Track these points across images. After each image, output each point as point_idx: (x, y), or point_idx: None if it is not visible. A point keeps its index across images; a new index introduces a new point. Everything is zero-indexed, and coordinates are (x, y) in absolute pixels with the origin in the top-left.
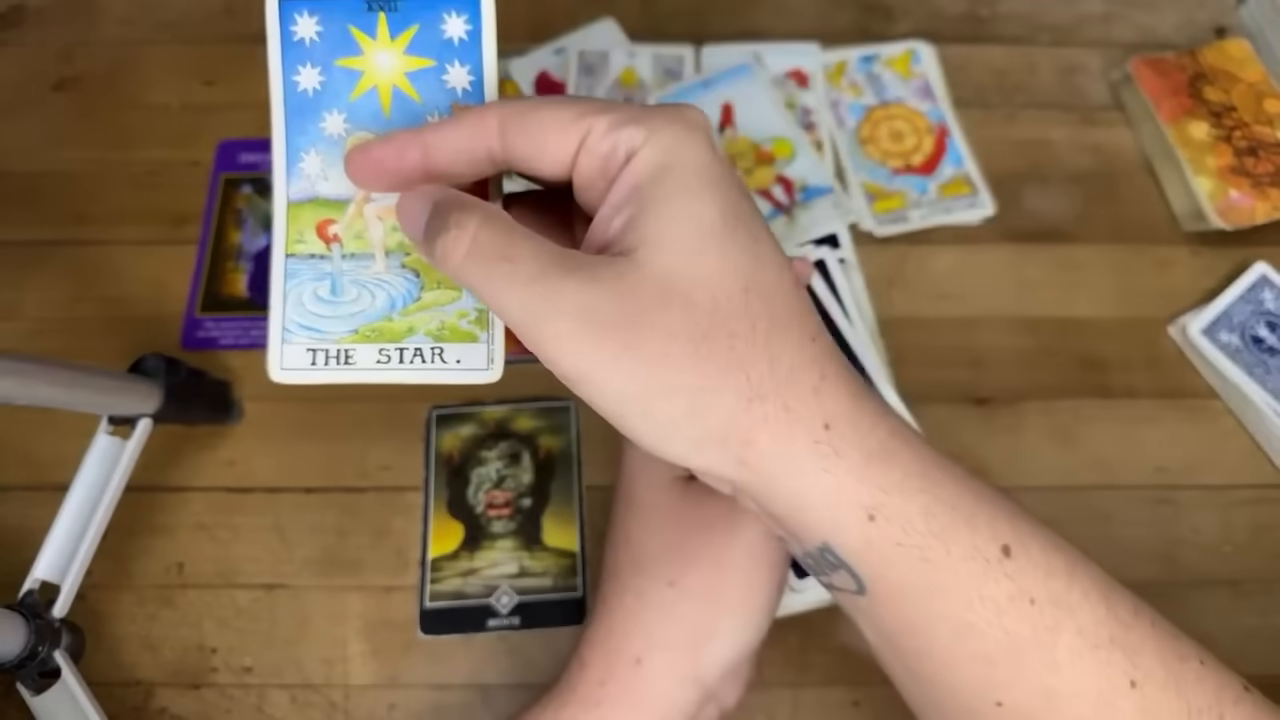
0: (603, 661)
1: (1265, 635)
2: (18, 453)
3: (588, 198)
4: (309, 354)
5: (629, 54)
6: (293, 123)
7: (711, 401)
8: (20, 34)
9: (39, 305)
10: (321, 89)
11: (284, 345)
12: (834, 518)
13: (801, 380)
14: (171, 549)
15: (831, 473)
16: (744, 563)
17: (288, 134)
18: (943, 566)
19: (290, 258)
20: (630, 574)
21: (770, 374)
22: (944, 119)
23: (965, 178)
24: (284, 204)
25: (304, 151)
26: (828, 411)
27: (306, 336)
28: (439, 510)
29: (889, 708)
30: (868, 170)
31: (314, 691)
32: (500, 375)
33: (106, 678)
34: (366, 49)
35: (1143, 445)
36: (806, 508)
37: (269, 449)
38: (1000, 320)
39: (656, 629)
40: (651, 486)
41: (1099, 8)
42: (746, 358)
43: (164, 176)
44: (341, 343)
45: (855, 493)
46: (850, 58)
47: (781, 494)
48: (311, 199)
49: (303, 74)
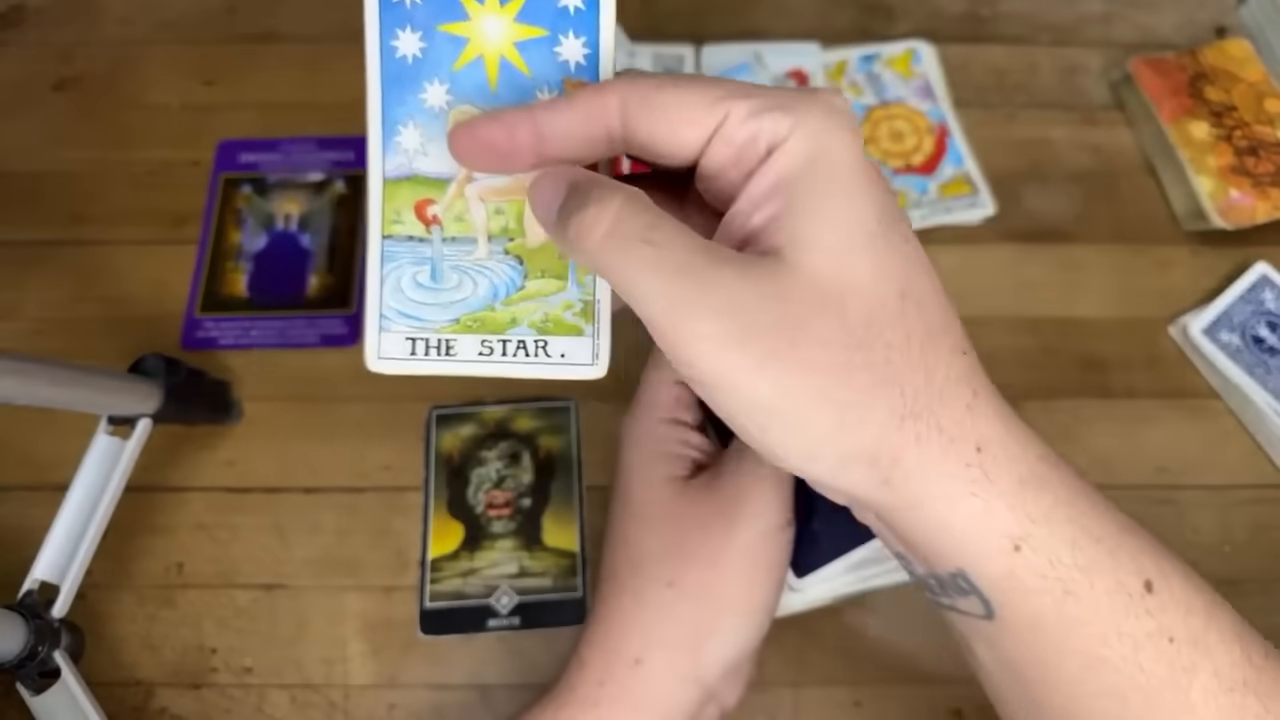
0: (601, 662)
1: (1265, 635)
2: (17, 452)
3: (716, 186)
4: (408, 343)
5: (629, 53)
6: (390, 92)
7: (862, 417)
8: (20, 34)
9: (39, 305)
10: (422, 56)
11: (381, 333)
12: (976, 545)
13: (955, 397)
14: (171, 549)
15: (981, 498)
16: (742, 562)
17: (384, 104)
18: (1085, 600)
19: (387, 239)
20: (628, 574)
21: (925, 389)
22: (944, 119)
23: (965, 177)
24: (379, 181)
25: (401, 124)
26: (980, 433)
27: (406, 325)
28: (439, 510)
29: (890, 707)
30: None
31: (314, 691)
32: (605, 372)
33: (106, 678)
34: (473, 14)
35: (1143, 445)
36: (947, 532)
37: (268, 449)
38: (1001, 320)
39: (655, 629)
40: (648, 485)
41: (1099, 8)
42: (901, 371)
43: (164, 176)
44: (442, 332)
45: (1004, 521)
46: (850, 57)
47: (923, 518)
48: (409, 176)
49: (402, 39)
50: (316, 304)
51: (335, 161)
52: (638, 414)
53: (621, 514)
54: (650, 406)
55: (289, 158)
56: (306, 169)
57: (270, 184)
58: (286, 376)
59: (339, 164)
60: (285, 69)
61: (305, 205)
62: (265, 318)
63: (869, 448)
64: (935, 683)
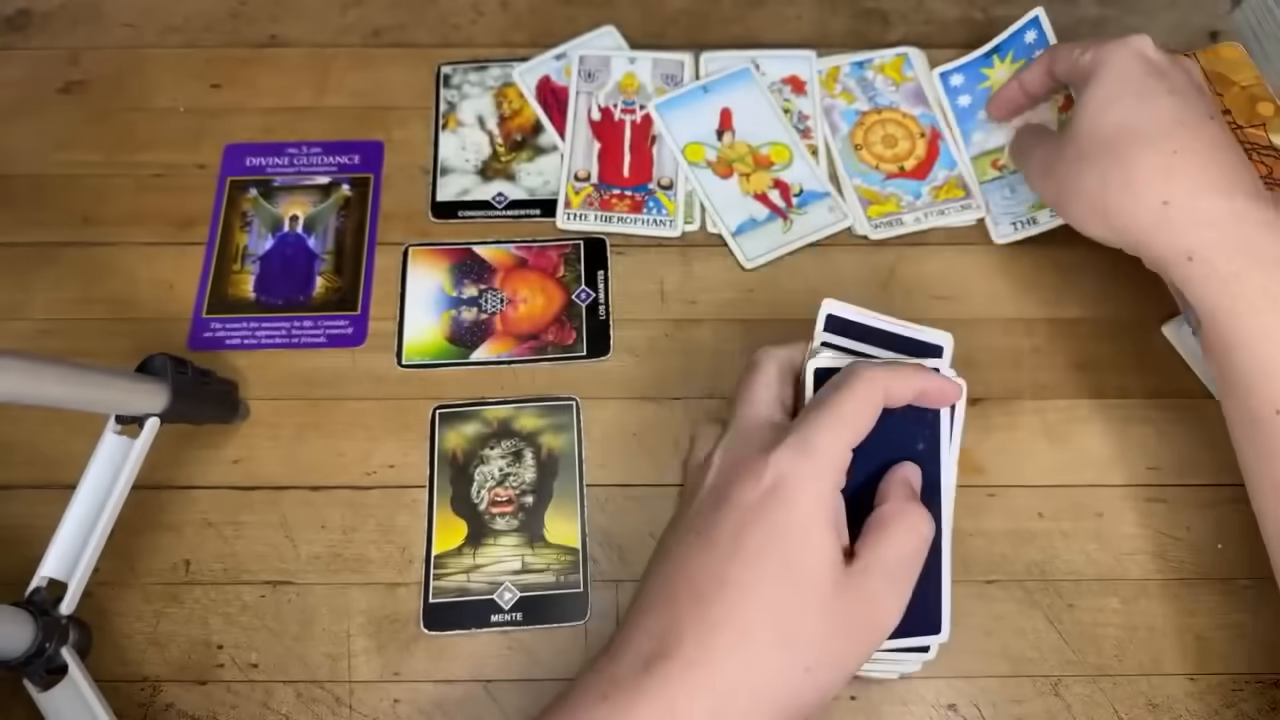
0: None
1: (1256, 633)
2: (25, 451)
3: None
4: None
5: (629, 60)
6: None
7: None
8: (26, 38)
9: (47, 306)
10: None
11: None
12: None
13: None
14: (178, 546)
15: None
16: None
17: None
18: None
19: None
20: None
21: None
22: (935, 123)
23: (958, 181)
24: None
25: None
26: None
27: None
28: (442, 507)
29: (885, 703)
30: (861, 175)
31: (319, 687)
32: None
33: (113, 674)
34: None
35: (1136, 445)
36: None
37: (274, 447)
38: (994, 321)
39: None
40: (821, 559)
41: (1093, 11)
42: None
43: (171, 179)
44: None
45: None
46: (843, 63)
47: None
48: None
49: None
50: (322, 305)
51: (341, 165)
52: (821, 468)
53: (777, 569)
54: (833, 468)
55: (295, 161)
56: (312, 172)
57: (276, 187)
58: (293, 376)
59: (344, 167)
60: (291, 73)
61: (311, 208)
62: (272, 318)
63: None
64: (932, 678)
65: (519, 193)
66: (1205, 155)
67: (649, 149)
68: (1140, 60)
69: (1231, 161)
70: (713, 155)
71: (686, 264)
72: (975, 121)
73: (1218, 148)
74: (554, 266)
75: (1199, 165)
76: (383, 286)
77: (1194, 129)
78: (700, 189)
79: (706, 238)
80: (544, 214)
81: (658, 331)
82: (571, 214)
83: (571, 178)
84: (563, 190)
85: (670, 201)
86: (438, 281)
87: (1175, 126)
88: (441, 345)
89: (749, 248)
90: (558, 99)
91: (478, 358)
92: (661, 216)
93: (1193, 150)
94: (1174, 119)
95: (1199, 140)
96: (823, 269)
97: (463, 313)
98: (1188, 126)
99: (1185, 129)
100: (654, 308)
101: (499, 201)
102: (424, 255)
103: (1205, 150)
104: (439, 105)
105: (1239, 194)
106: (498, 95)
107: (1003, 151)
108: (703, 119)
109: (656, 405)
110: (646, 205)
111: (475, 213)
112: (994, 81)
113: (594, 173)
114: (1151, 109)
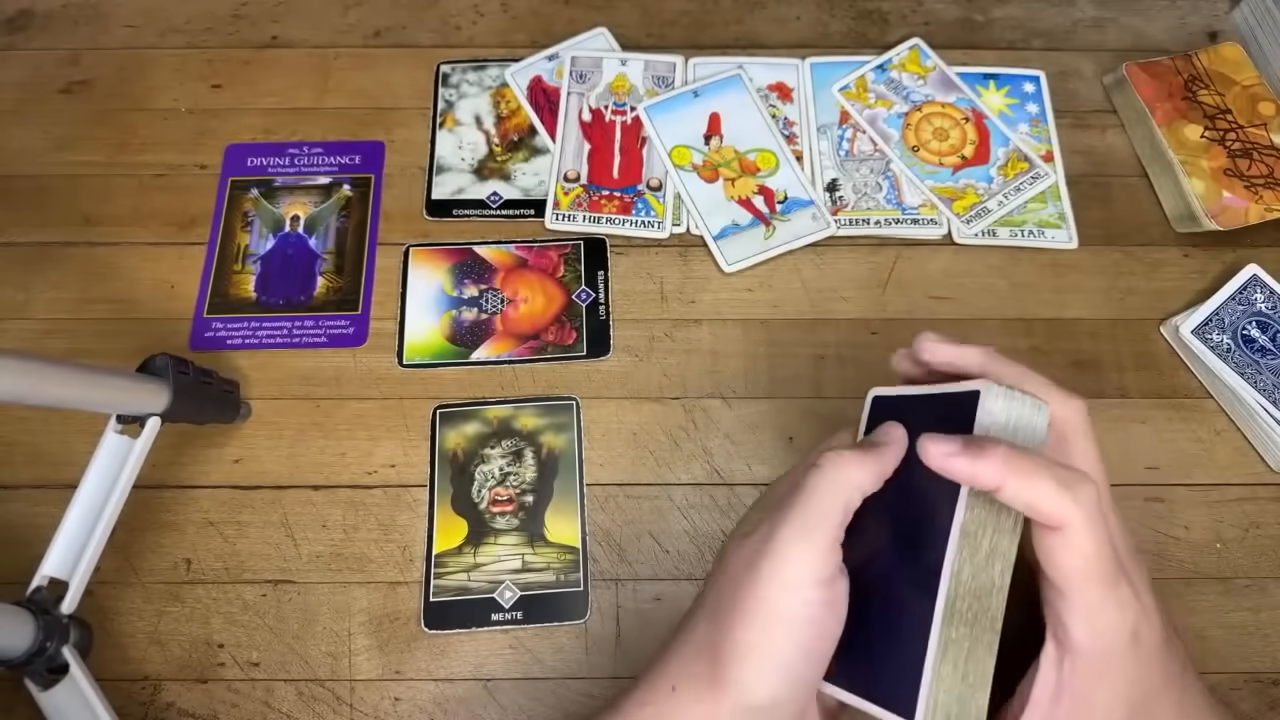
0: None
1: (1255, 631)
2: (26, 451)
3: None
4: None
5: (621, 61)
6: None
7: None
8: (28, 38)
9: (48, 306)
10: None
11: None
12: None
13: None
14: (179, 546)
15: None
16: (763, 611)
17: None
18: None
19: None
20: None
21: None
22: (973, 104)
23: (1018, 154)
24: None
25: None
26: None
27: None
28: (443, 507)
29: None
30: (932, 175)
31: (320, 685)
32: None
33: (115, 673)
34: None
35: (1135, 444)
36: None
37: (276, 447)
38: (994, 321)
39: (686, 661)
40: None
41: (1091, 12)
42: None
43: (172, 180)
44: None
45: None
46: (867, 72)
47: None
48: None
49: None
50: (323, 305)
51: (341, 165)
52: (824, 524)
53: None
54: (810, 584)
55: (296, 161)
56: (313, 172)
57: (277, 187)
58: (294, 376)
59: (345, 168)
60: (292, 73)
61: (312, 208)
62: (273, 318)
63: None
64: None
65: (514, 192)
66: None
67: (639, 150)
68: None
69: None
70: (699, 159)
71: (686, 264)
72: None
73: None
74: (554, 267)
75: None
76: (383, 286)
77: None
78: (684, 192)
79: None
80: (538, 214)
81: (658, 331)
82: (560, 215)
83: (561, 178)
84: (551, 191)
85: (659, 203)
86: (438, 281)
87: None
88: (442, 345)
89: (730, 252)
90: (549, 99)
91: (478, 357)
92: (650, 218)
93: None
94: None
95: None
96: (823, 269)
97: (463, 313)
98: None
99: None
100: (654, 308)
101: (493, 201)
102: (425, 255)
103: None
104: (437, 104)
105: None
106: (495, 95)
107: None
108: (691, 123)
109: (656, 405)
110: (635, 207)
111: (470, 212)
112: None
113: (583, 174)
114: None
